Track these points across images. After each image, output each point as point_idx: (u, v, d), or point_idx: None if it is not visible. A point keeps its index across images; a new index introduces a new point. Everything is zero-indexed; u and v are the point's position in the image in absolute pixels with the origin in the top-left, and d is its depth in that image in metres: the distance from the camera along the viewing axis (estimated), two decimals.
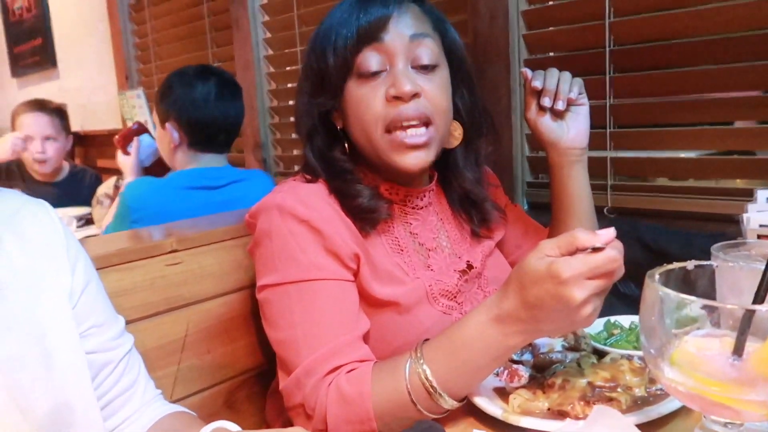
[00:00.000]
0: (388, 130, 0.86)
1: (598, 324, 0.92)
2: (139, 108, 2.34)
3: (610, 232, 0.64)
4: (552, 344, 0.86)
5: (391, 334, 0.88)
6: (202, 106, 1.56)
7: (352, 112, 0.88)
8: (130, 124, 2.34)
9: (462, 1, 1.50)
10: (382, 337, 0.88)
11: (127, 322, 0.99)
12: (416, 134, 0.86)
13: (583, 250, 0.63)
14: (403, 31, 0.86)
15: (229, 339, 1.17)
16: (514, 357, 0.85)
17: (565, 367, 0.79)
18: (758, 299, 0.53)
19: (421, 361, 0.73)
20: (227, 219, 1.24)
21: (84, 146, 3.60)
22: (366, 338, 0.85)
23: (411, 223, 0.95)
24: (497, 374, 0.82)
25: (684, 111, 1.26)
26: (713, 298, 0.62)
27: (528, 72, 1.02)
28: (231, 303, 1.17)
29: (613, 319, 0.92)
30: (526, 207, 1.50)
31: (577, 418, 0.69)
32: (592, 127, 1.04)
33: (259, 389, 1.19)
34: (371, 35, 0.85)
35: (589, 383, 0.74)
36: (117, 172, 2.16)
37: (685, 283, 0.60)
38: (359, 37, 0.85)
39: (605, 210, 1.33)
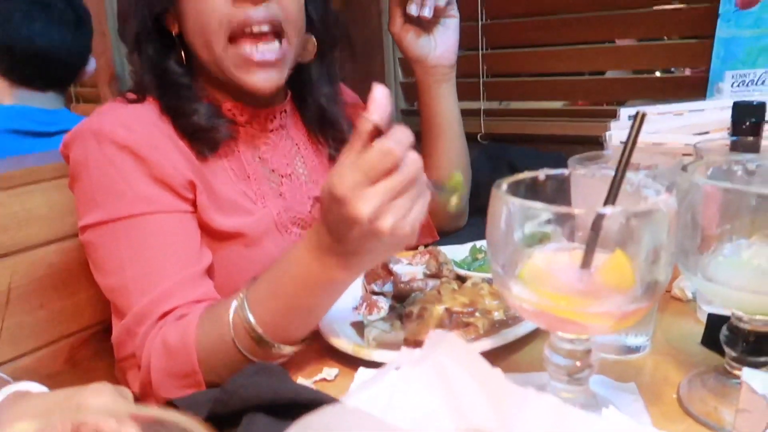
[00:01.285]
0: (233, 38, 0.74)
1: (464, 250, 0.88)
2: None
3: (376, 96, 0.52)
4: (414, 272, 0.81)
5: (239, 269, 0.79)
6: (3, 27, 1.25)
7: (191, 13, 0.75)
8: None
9: None
10: (228, 273, 0.79)
11: None
12: (268, 50, 0.75)
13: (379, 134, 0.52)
14: None
15: (68, 291, 1.03)
16: (375, 288, 0.80)
17: (425, 296, 0.74)
18: (609, 202, 0.49)
19: (245, 305, 0.63)
20: (57, 155, 1.07)
21: None
22: (212, 274, 0.76)
23: (260, 148, 0.85)
24: (356, 308, 0.76)
25: (555, 30, 1.22)
26: None
27: None
28: (68, 250, 1.02)
29: (479, 243, 0.88)
30: None
31: None
32: (465, 49, 0.98)
33: (108, 345, 1.06)
34: None
35: (447, 310, 0.69)
36: None
37: (536, 194, 0.54)
38: None
39: (479, 136, 1.29)
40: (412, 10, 0.90)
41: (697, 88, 1.02)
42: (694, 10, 1.06)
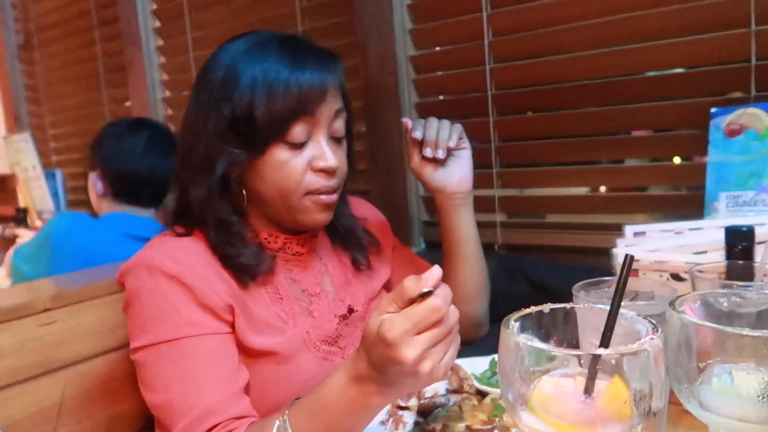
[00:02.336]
0: (306, 194, 0.88)
1: (483, 363, 0.94)
2: (26, 153, 2.21)
3: (433, 274, 0.61)
4: (436, 388, 0.87)
5: (272, 385, 0.86)
6: (126, 158, 1.50)
7: (269, 172, 0.86)
8: (17, 169, 2.20)
9: (353, 47, 1.54)
10: (263, 389, 0.85)
11: None
12: (329, 198, 0.90)
13: (417, 298, 0.61)
14: (331, 106, 0.88)
15: (113, 401, 1.10)
16: (401, 403, 0.85)
17: (447, 411, 0.79)
18: (604, 342, 0.56)
19: (287, 424, 0.70)
20: (108, 272, 1.17)
21: None
22: (247, 390, 0.83)
23: (292, 270, 0.94)
24: (383, 423, 0.82)
25: (561, 151, 1.33)
26: (573, 337, 0.64)
27: (408, 122, 1.04)
28: (115, 361, 1.10)
29: (497, 357, 0.94)
30: (423, 246, 1.52)
31: None
32: (479, 167, 1.08)
33: None
34: (308, 107, 0.84)
35: (468, 427, 0.75)
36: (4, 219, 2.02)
37: (542, 326, 0.61)
38: (298, 107, 0.83)
39: (496, 246, 1.38)
40: (427, 153, 1.00)
41: (696, 206, 1.10)
42: (689, 136, 1.16)
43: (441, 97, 1.50)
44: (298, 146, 0.86)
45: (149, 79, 2.11)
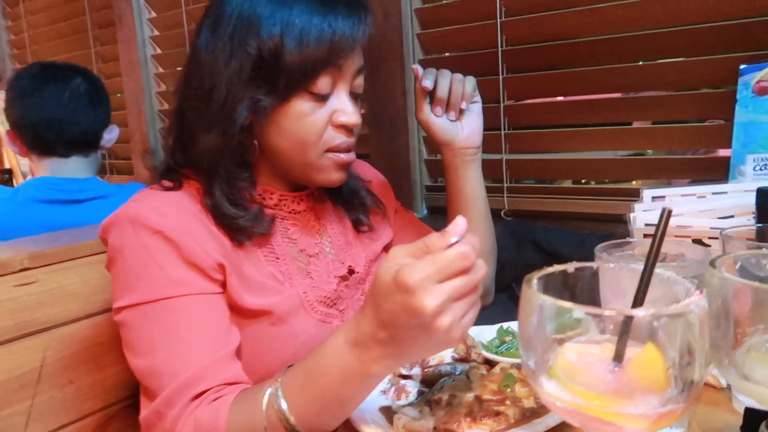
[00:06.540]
0: (327, 151, 0.83)
1: (491, 331, 0.88)
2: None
3: (459, 224, 0.55)
4: (442, 356, 0.81)
5: (266, 349, 0.80)
6: (16, 106, 1.41)
7: (289, 123, 0.80)
8: (2, 129, 2.12)
9: None
10: (256, 353, 0.80)
11: None
12: (348, 157, 0.85)
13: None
14: (357, 60, 0.82)
15: (97, 366, 1.04)
16: (402, 371, 0.80)
17: (454, 380, 0.74)
18: (637, 303, 0.50)
19: (279, 392, 0.64)
20: (92, 231, 1.10)
21: None
22: (239, 354, 0.77)
23: (289, 229, 0.88)
24: (384, 392, 0.76)
25: (576, 111, 1.26)
26: (597, 300, 0.58)
27: (419, 69, 0.97)
28: (99, 325, 1.04)
29: (506, 325, 0.88)
30: (425, 212, 1.45)
31: None
32: (486, 129, 1.02)
33: (135, 420, 1.06)
34: (337, 58, 0.78)
35: (477, 397, 0.69)
36: None
37: (566, 287, 0.55)
38: (329, 56, 0.77)
39: (502, 212, 1.31)
40: (437, 113, 0.96)
41: (717, 170, 1.04)
42: (714, 94, 1.09)
43: (447, 54, 1.41)
44: (322, 98, 0.80)
45: (139, 35, 2.01)
